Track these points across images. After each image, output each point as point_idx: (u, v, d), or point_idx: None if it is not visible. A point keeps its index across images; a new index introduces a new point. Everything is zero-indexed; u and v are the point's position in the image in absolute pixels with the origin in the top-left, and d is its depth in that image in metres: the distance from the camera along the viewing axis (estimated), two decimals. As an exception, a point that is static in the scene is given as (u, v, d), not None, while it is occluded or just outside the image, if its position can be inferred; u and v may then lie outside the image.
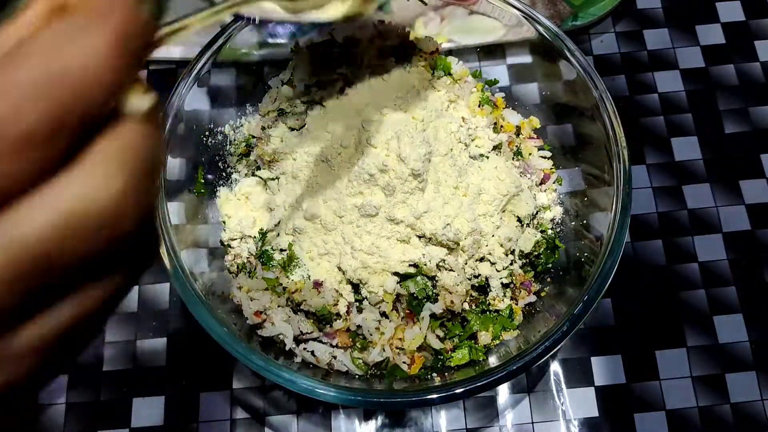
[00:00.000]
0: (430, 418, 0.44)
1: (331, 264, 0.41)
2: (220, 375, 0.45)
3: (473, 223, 0.40)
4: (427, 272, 0.40)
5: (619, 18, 0.56)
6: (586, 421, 0.44)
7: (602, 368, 0.45)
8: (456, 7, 0.46)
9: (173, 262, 0.37)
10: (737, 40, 0.56)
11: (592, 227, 0.42)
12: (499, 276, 0.42)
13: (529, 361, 0.35)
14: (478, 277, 0.42)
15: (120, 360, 0.45)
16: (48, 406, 0.44)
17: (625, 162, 0.39)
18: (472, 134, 0.43)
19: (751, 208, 0.50)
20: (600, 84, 0.41)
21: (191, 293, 0.36)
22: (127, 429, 0.44)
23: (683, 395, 0.45)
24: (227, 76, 0.46)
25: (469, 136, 0.43)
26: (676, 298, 0.47)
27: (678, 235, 0.49)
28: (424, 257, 0.40)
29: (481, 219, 0.41)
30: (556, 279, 0.43)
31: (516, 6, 0.44)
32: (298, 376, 0.35)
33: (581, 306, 0.36)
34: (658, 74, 0.54)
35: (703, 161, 0.51)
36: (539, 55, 0.45)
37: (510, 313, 0.42)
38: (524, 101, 0.48)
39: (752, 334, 0.46)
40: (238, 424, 0.44)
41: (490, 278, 0.42)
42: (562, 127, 0.46)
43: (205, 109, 0.45)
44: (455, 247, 0.40)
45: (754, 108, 0.53)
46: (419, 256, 0.40)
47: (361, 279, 0.40)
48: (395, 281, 0.40)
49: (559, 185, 0.46)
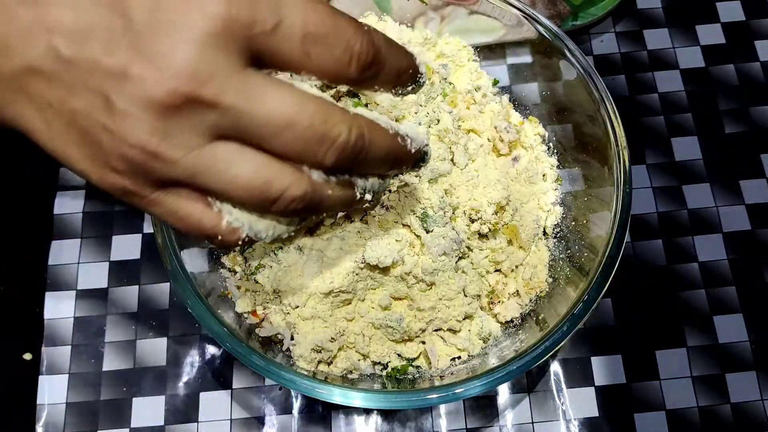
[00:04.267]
0: (430, 418, 0.44)
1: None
2: (220, 375, 0.45)
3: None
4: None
5: (619, 18, 0.56)
6: (586, 421, 0.44)
7: (602, 368, 0.45)
8: (456, 7, 0.46)
9: (173, 262, 0.37)
10: (737, 40, 0.56)
11: (592, 227, 0.42)
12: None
13: (529, 361, 0.35)
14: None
15: (120, 360, 0.45)
16: (48, 406, 0.44)
17: (625, 162, 0.39)
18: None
19: (751, 208, 0.50)
20: (600, 84, 0.41)
21: (191, 293, 0.36)
22: (127, 429, 0.44)
23: (683, 395, 0.45)
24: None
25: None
26: (676, 298, 0.47)
27: (678, 235, 0.49)
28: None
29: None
30: (556, 279, 0.43)
31: (516, 6, 0.44)
32: (298, 376, 0.35)
33: (581, 306, 0.36)
34: (658, 74, 0.54)
35: (703, 161, 0.51)
36: (539, 55, 0.45)
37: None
38: (524, 101, 0.48)
39: (752, 334, 0.46)
40: (238, 424, 0.44)
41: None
42: (562, 127, 0.47)
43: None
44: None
45: (754, 108, 0.53)
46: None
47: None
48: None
49: (559, 185, 0.46)
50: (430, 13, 0.47)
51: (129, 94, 0.20)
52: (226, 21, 0.21)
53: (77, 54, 0.21)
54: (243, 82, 0.21)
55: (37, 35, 0.21)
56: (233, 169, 0.22)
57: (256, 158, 0.22)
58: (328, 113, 0.22)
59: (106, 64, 0.20)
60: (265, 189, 0.23)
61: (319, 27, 0.22)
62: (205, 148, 0.22)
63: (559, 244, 0.44)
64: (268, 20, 0.21)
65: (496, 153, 0.44)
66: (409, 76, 0.26)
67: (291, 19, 0.21)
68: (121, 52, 0.20)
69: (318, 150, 0.22)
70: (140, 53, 0.20)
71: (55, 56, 0.21)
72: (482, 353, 0.41)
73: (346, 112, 0.23)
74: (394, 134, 0.25)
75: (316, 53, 0.22)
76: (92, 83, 0.21)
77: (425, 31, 0.47)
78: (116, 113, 0.21)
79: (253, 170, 0.22)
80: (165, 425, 0.44)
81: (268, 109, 0.21)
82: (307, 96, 0.22)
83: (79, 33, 0.20)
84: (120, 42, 0.20)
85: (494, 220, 0.40)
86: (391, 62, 0.25)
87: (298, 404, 0.44)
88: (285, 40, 0.22)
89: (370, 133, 0.24)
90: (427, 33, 0.47)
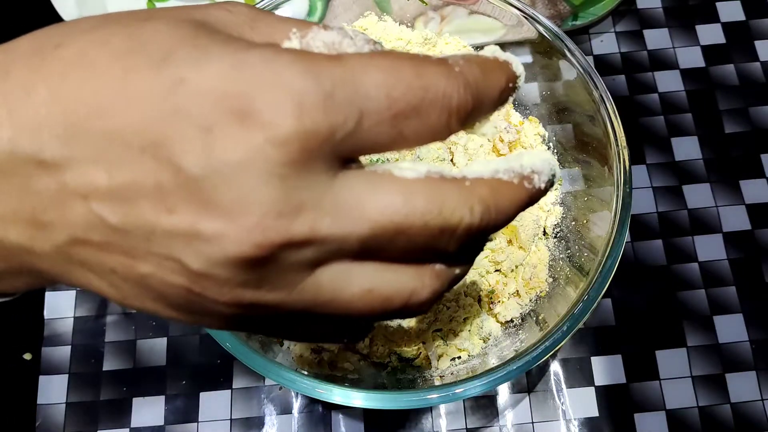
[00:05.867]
0: (430, 418, 0.44)
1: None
2: (220, 375, 0.45)
3: None
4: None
5: (619, 18, 0.56)
6: (586, 421, 0.44)
7: (602, 368, 0.45)
8: (456, 7, 0.46)
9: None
10: (737, 40, 0.56)
11: (592, 227, 0.42)
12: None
13: (529, 361, 0.35)
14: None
15: (120, 360, 0.45)
16: (48, 406, 0.44)
17: (625, 162, 0.39)
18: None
19: (751, 208, 0.50)
20: (600, 84, 0.41)
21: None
22: (127, 429, 0.44)
23: (683, 395, 0.45)
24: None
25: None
26: (676, 298, 0.47)
27: (678, 235, 0.49)
28: None
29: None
30: (556, 279, 0.43)
31: (516, 6, 0.44)
32: (298, 376, 0.35)
33: (581, 306, 0.36)
34: (658, 74, 0.54)
35: (703, 161, 0.51)
36: (539, 55, 0.45)
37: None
38: (524, 101, 0.48)
39: (752, 334, 0.46)
40: (238, 424, 0.44)
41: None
42: (562, 127, 0.46)
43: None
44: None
45: (754, 108, 0.53)
46: None
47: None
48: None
49: (559, 185, 0.46)
50: (430, 13, 0.47)
51: (206, 256, 0.17)
52: (302, 141, 0.16)
53: (127, 219, 0.17)
54: (336, 200, 0.17)
55: (72, 204, 0.17)
56: (345, 295, 0.19)
57: (366, 274, 0.19)
58: (442, 199, 0.18)
59: (166, 226, 0.16)
60: (387, 305, 0.19)
61: (407, 97, 0.17)
62: (307, 281, 0.18)
63: (559, 244, 0.44)
64: (349, 118, 0.17)
65: (496, 153, 0.44)
66: (511, 89, 0.22)
67: (374, 104, 0.17)
68: (182, 208, 0.16)
69: (438, 245, 0.19)
70: (206, 206, 0.16)
71: (102, 225, 0.17)
72: (482, 353, 0.41)
73: (462, 187, 0.19)
74: (520, 183, 0.21)
75: (410, 129, 0.18)
76: (156, 248, 0.17)
77: (425, 31, 0.47)
78: (196, 277, 0.17)
79: (367, 290, 0.19)
80: (165, 425, 0.44)
81: (372, 221, 0.17)
82: (412, 185, 0.18)
83: (122, 194, 0.16)
84: (176, 197, 0.16)
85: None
86: (492, 92, 0.20)
87: (298, 404, 0.44)
88: (373, 130, 0.17)
89: (496, 199, 0.20)
90: (427, 33, 0.47)
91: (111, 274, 0.18)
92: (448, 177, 0.19)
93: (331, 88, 0.16)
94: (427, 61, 0.18)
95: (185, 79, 0.16)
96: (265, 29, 0.19)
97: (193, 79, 0.16)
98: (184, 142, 0.16)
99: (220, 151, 0.16)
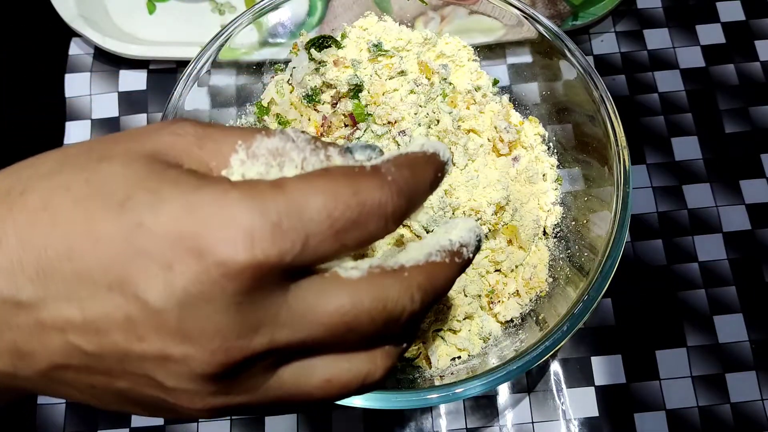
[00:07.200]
0: (430, 418, 0.44)
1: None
2: (220, 375, 0.45)
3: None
4: None
5: (619, 18, 0.56)
6: (586, 421, 0.44)
7: (602, 368, 0.45)
8: (456, 7, 0.46)
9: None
10: (737, 40, 0.56)
11: (592, 227, 0.42)
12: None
13: (529, 360, 0.35)
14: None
15: (120, 360, 0.45)
16: (48, 406, 0.44)
17: (625, 162, 0.39)
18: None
19: (751, 208, 0.50)
20: (600, 84, 0.41)
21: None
22: (127, 429, 0.44)
23: (683, 395, 0.45)
24: (227, 76, 0.46)
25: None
26: (676, 298, 0.47)
27: (678, 235, 0.49)
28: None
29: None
30: (556, 279, 0.43)
31: (516, 6, 0.44)
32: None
33: (581, 306, 0.36)
34: (658, 74, 0.54)
35: (703, 161, 0.51)
36: (539, 55, 0.45)
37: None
38: (524, 101, 0.48)
39: (752, 334, 0.46)
40: (238, 424, 0.44)
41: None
42: (562, 127, 0.47)
43: (205, 109, 0.45)
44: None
45: (754, 108, 0.53)
46: None
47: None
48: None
49: (559, 185, 0.46)
50: (430, 13, 0.47)
51: (177, 374, 0.19)
52: (254, 270, 0.18)
53: (102, 347, 0.18)
54: (290, 311, 0.19)
55: (50, 336, 0.19)
56: (306, 388, 0.21)
57: (324, 366, 0.21)
58: (385, 294, 0.20)
59: (138, 351, 0.18)
60: (346, 389, 0.21)
61: (347, 214, 0.19)
62: (271, 382, 0.21)
63: (559, 243, 0.44)
64: (296, 242, 0.18)
65: (496, 153, 0.44)
66: (440, 178, 0.23)
67: (317, 226, 0.19)
68: (151, 336, 0.18)
69: (386, 332, 0.21)
70: (172, 334, 0.18)
71: (79, 352, 0.19)
72: (482, 353, 0.41)
73: (401, 279, 0.21)
74: (451, 261, 0.23)
75: (352, 239, 0.20)
76: (130, 368, 0.19)
77: (425, 31, 0.47)
78: (169, 391, 0.19)
79: (326, 380, 0.21)
80: (165, 425, 0.44)
81: (325, 324, 0.20)
82: (357, 285, 0.20)
83: (95, 326, 0.18)
84: (145, 326, 0.18)
85: (494, 220, 0.40)
86: (423, 187, 0.22)
87: (298, 404, 0.44)
88: (319, 248, 0.19)
89: (432, 282, 0.22)
90: (427, 33, 0.46)
91: (91, 389, 0.20)
92: (389, 269, 0.21)
93: (277, 219, 0.18)
94: (362, 175, 0.20)
95: (143, 223, 0.18)
96: (212, 146, 0.21)
97: (151, 223, 0.18)
98: (148, 279, 0.18)
99: (181, 286, 0.18)
